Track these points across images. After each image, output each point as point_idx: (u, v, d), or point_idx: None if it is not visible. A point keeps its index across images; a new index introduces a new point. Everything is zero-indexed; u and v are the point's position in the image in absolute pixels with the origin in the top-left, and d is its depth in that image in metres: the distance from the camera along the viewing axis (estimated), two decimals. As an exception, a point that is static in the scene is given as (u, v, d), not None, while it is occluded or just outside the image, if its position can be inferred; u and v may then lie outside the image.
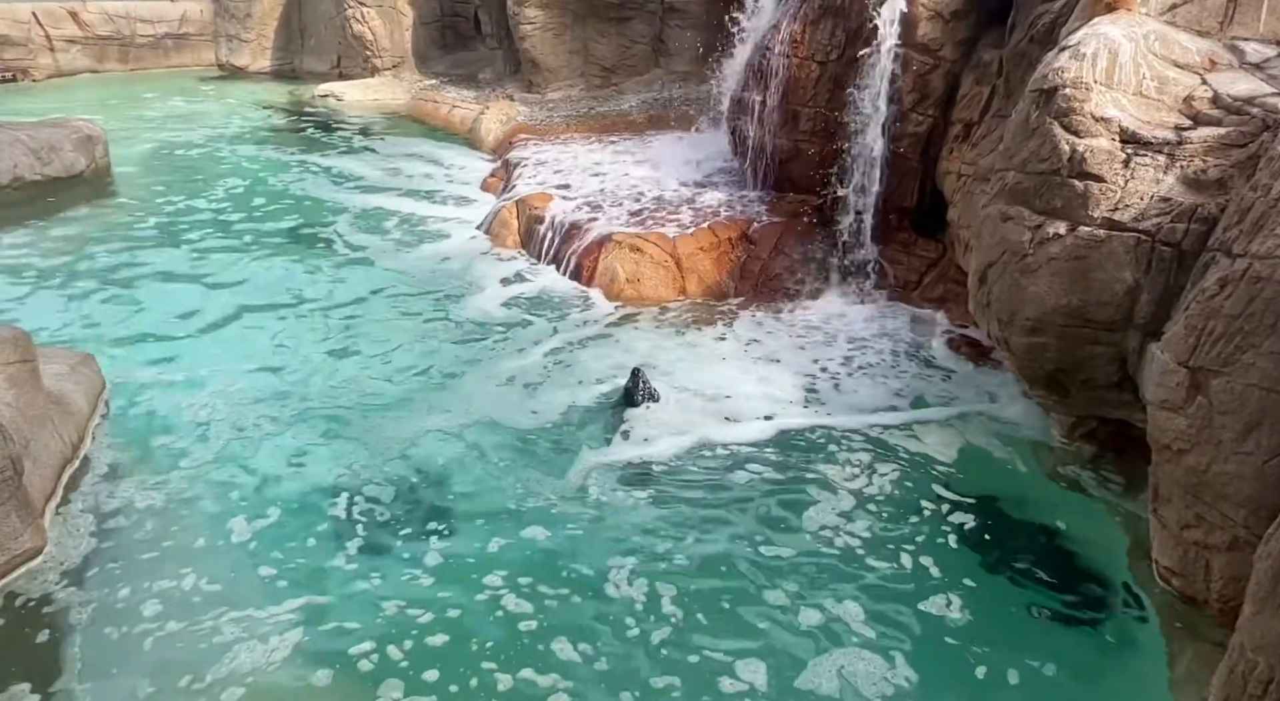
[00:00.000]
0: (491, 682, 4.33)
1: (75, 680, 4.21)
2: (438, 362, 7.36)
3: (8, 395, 5.27)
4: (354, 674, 4.37)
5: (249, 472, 5.84)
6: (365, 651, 4.48)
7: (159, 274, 8.73)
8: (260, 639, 4.52)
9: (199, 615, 4.63)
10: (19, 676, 4.20)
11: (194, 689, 4.18)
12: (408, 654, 4.47)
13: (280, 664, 4.39)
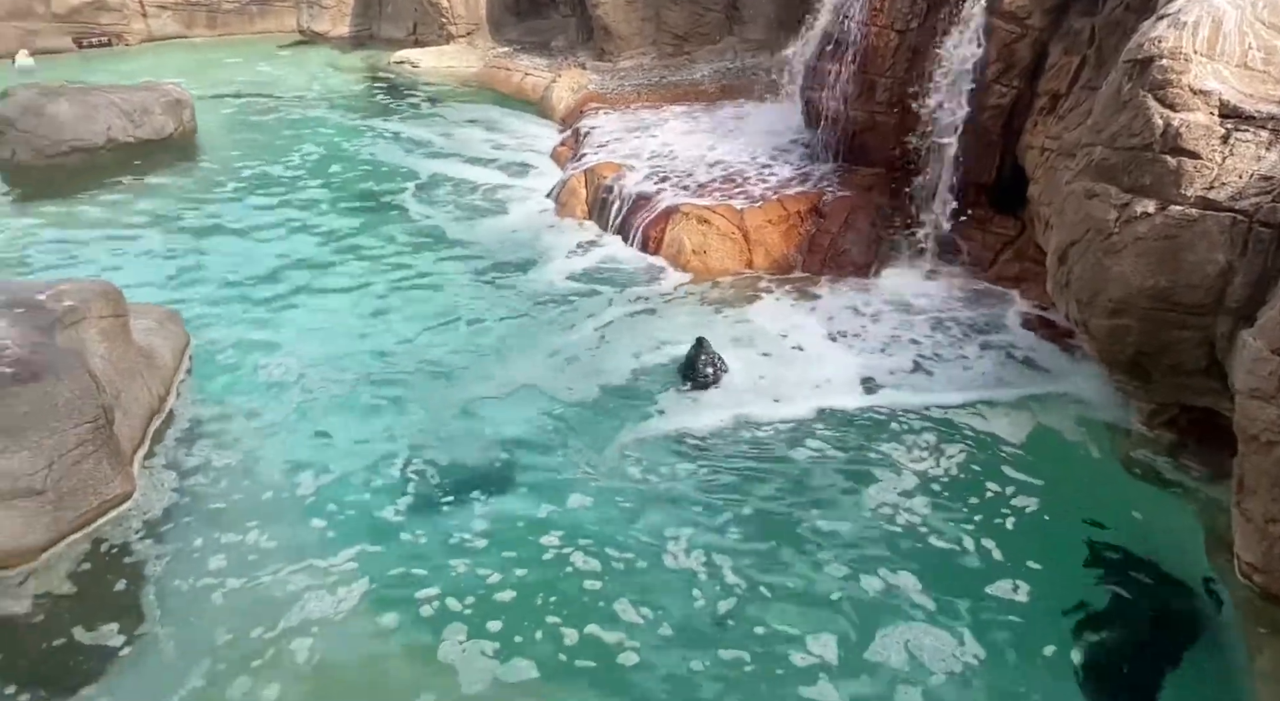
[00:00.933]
0: (557, 635, 4.44)
1: (157, 624, 4.44)
2: (501, 330, 7.44)
3: (100, 348, 5.52)
4: (418, 622, 4.53)
5: (316, 432, 6.03)
6: (428, 601, 4.64)
7: (238, 235, 8.99)
8: (328, 589, 4.71)
9: (270, 566, 4.84)
10: (106, 618, 4.45)
11: (266, 637, 4.37)
12: (469, 606, 4.60)
13: (347, 613, 4.56)
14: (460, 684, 4.19)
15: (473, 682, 4.21)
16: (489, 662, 4.30)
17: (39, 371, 4.77)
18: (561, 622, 4.52)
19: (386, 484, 5.51)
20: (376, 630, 4.48)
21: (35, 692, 4.04)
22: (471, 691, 4.16)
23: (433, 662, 4.30)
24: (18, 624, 4.36)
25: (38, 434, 4.66)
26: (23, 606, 4.44)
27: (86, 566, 4.74)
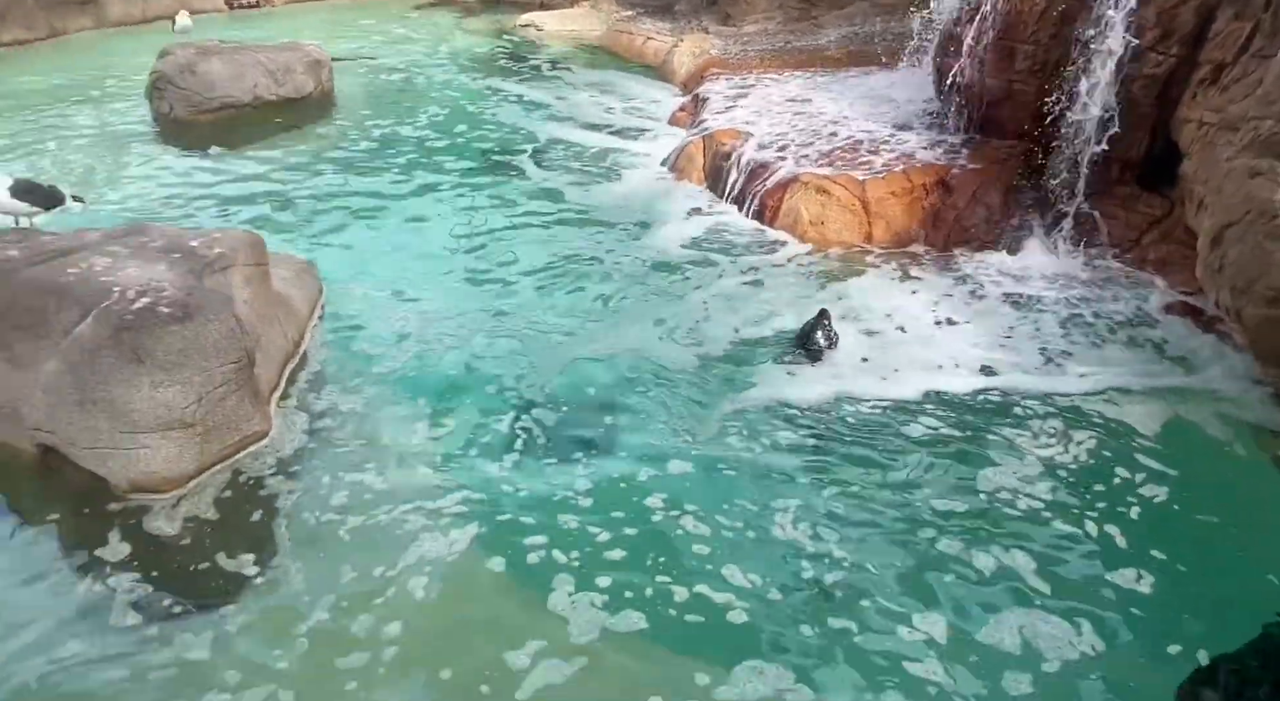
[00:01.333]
0: (666, 592, 4.52)
1: (288, 556, 4.72)
2: (611, 293, 7.52)
3: (245, 294, 5.87)
4: (527, 570, 4.69)
5: (431, 382, 6.28)
6: (536, 549, 4.79)
7: (368, 193, 9.36)
8: (441, 532, 4.91)
9: (386, 506, 5.07)
10: (243, 546, 4.76)
11: (387, 575, 4.60)
12: (576, 559, 4.73)
13: (459, 556, 4.76)
14: (570, 632, 4.32)
15: (582, 630, 4.33)
16: (598, 613, 4.42)
17: (192, 313, 5.11)
18: (670, 581, 4.59)
19: (494, 436, 5.71)
20: (487, 574, 4.67)
21: (184, 607, 4.38)
22: (582, 639, 4.29)
23: (542, 609, 4.45)
24: (168, 543, 4.72)
25: (189, 371, 5.00)
26: (173, 527, 4.81)
27: (227, 495, 5.07)
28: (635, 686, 4.06)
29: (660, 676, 4.11)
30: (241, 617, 4.32)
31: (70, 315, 4.98)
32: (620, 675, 4.13)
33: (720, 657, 4.20)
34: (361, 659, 4.12)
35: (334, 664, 4.09)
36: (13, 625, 4.22)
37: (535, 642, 4.25)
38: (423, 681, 4.05)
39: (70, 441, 4.88)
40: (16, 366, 5.01)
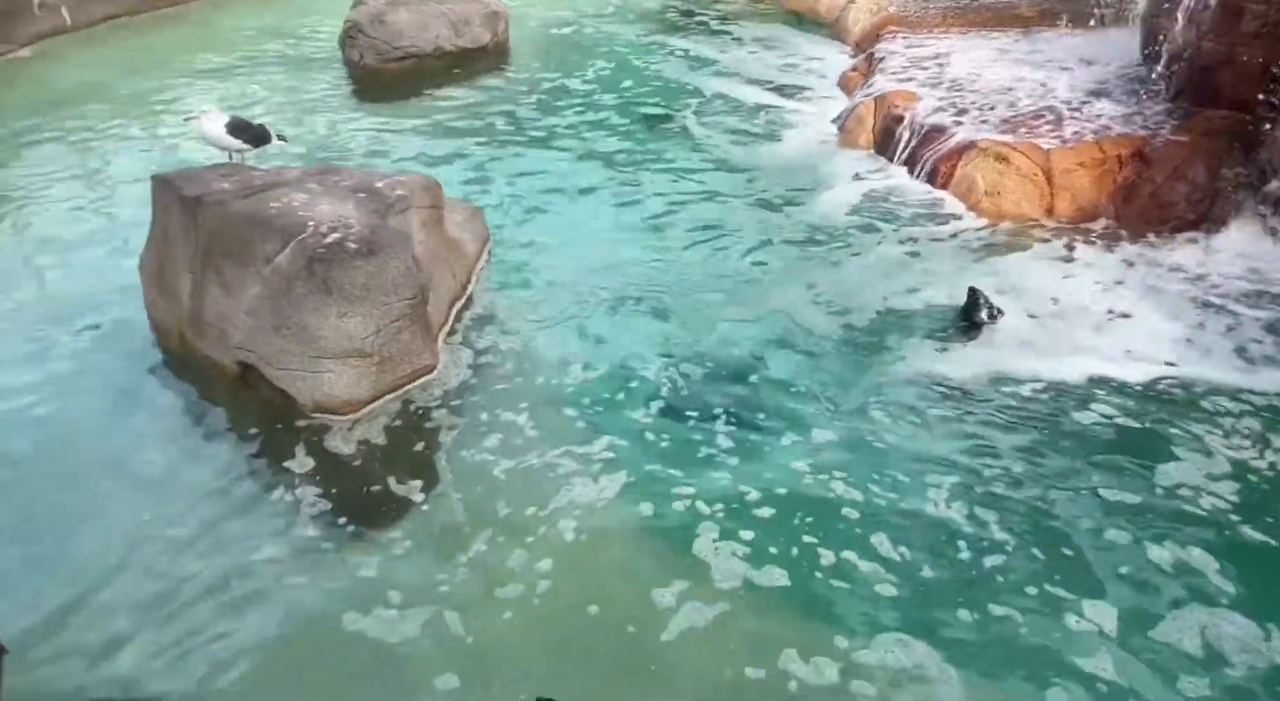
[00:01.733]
0: (813, 554, 4.52)
1: (451, 488, 4.98)
2: (765, 255, 7.43)
3: (421, 235, 6.17)
4: (672, 517, 4.79)
5: (584, 330, 6.43)
6: (681, 499, 4.87)
7: (536, 144, 9.58)
8: (591, 476, 5.06)
9: (538, 449, 5.25)
10: (410, 475, 5.05)
11: (539, 515, 4.79)
12: (720, 512, 4.78)
13: (607, 500, 4.90)
14: (713, 578, 4.41)
15: (725, 579, 4.41)
16: (741, 565, 4.47)
17: (376, 250, 5.42)
18: (817, 543, 4.58)
19: (641, 388, 5.81)
20: (634, 519, 4.79)
21: (357, 526, 4.72)
22: (724, 586, 4.37)
23: (686, 555, 4.54)
24: (343, 464, 5.09)
25: (370, 304, 5.32)
26: (349, 449, 5.19)
27: (396, 424, 5.40)
28: (774, 637, 4.10)
29: (799, 632, 4.13)
30: (408, 541, 4.61)
31: (272, 245, 5.39)
32: (760, 625, 4.18)
33: (863, 625, 4.16)
34: (516, 590, 4.33)
35: (492, 594, 4.32)
36: (212, 524, 4.68)
37: (680, 584, 4.35)
38: (573, 616, 4.22)
39: (266, 361, 5.32)
40: (226, 290, 5.49)
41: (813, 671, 3.96)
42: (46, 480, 4.91)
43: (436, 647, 4.04)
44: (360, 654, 4.01)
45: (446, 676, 3.91)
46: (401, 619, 4.15)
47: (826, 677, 3.94)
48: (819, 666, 3.97)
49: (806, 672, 3.95)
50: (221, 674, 3.91)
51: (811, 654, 4.02)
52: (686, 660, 4.02)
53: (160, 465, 5.02)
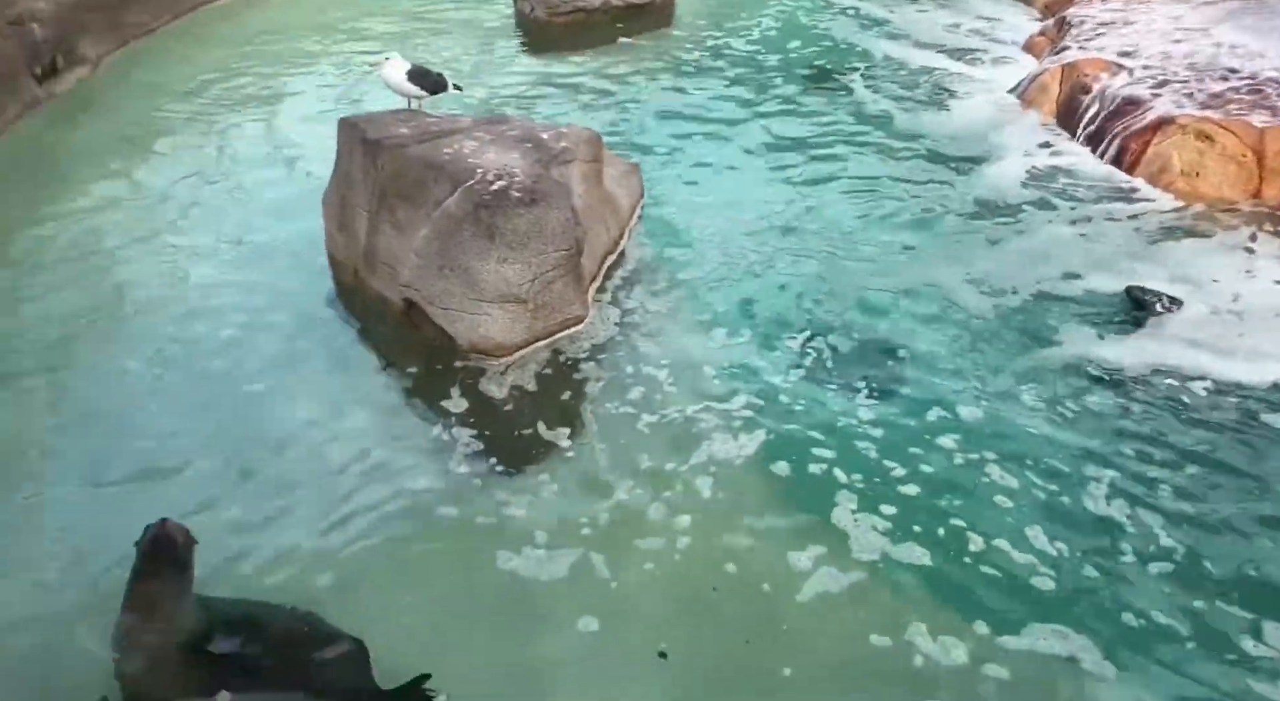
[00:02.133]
0: (960, 535, 4.39)
1: (594, 437, 5.09)
2: (927, 227, 7.14)
3: (580, 188, 6.27)
4: (810, 483, 4.77)
5: (730, 292, 6.40)
6: (820, 464, 4.85)
7: (698, 103, 9.49)
8: (730, 434, 5.07)
9: (678, 405, 5.30)
10: (556, 421, 5.19)
11: (679, 470, 4.84)
12: (860, 482, 4.71)
13: (745, 460, 4.91)
14: (851, 547, 4.37)
15: (863, 549, 4.36)
16: (880, 538, 4.41)
17: (538, 199, 5.55)
18: (965, 527, 4.44)
19: (784, 353, 5.76)
20: (772, 481, 4.79)
21: (506, 466, 4.89)
22: (861, 557, 4.32)
23: (825, 521, 4.52)
24: (496, 406, 5.29)
25: (529, 252, 5.47)
26: (501, 391, 5.38)
27: (546, 371, 5.56)
28: (907, 612, 4.04)
29: (934, 610, 4.05)
30: (554, 485, 4.75)
31: (442, 189, 5.61)
32: (894, 598, 4.12)
33: (1011, 614, 4.02)
34: (656, 543, 4.41)
35: (632, 543, 4.41)
36: (374, 450, 4.94)
37: (816, 550, 4.35)
38: (710, 571, 4.26)
39: (429, 300, 5.58)
40: (398, 230, 5.77)
41: (940, 649, 3.89)
42: (233, 398, 5.33)
43: (579, 590, 4.17)
44: (506, 586, 4.18)
45: (587, 619, 4.03)
46: (549, 559, 4.30)
47: (954, 657, 3.86)
48: (947, 645, 3.89)
49: (933, 649, 3.88)
50: (375, 590, 4.16)
51: (943, 633, 3.94)
52: (817, 624, 4.02)
53: (330, 392, 5.37)
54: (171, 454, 4.85)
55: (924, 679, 3.79)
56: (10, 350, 5.53)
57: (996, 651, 3.86)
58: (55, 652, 3.73)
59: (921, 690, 3.75)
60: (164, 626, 3.46)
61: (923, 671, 3.81)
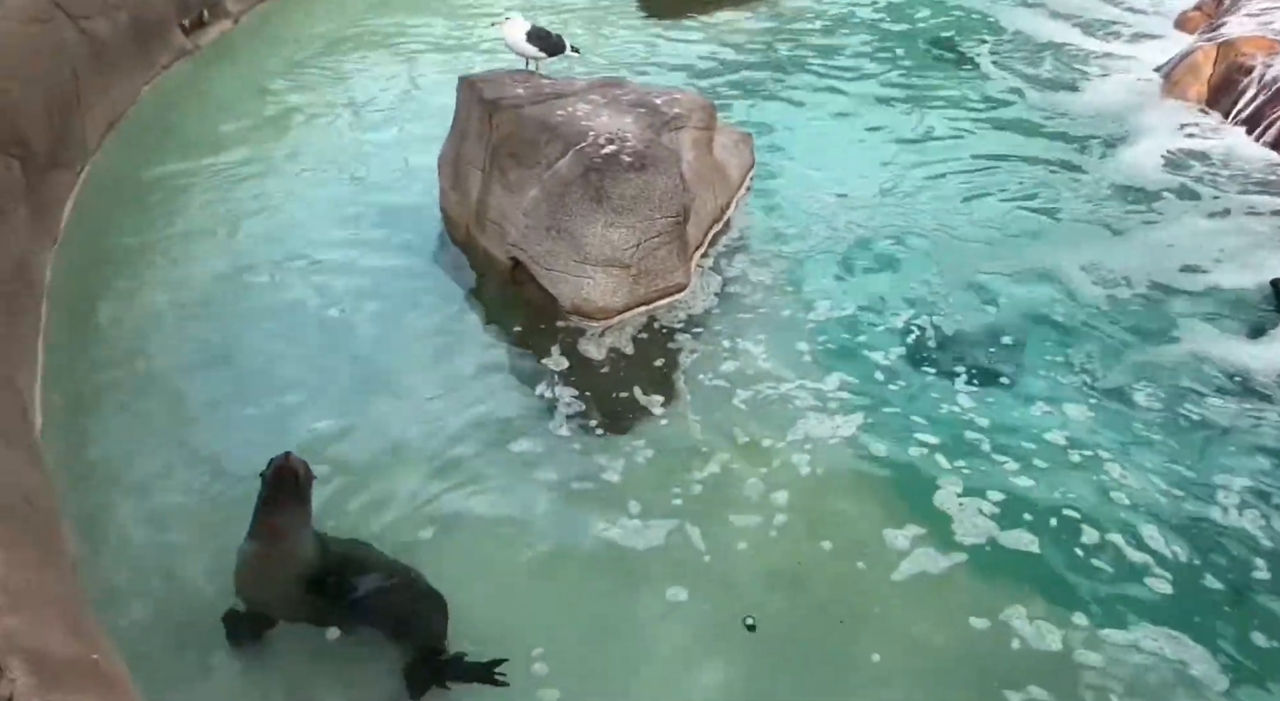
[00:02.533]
0: (1072, 528, 4.25)
1: (689, 408, 5.05)
2: (1048, 211, 6.81)
3: (689, 155, 6.20)
4: (910, 463, 4.66)
5: (835, 267, 6.27)
6: (920, 447, 4.73)
7: (815, 73, 9.24)
8: (827, 414, 4.98)
9: (773, 380, 5.21)
10: (652, 388, 5.16)
11: (775, 446, 4.76)
12: (962, 466, 4.58)
13: (842, 438, 4.82)
14: (954, 530, 4.27)
15: (967, 533, 4.25)
16: (986, 522, 4.29)
17: (647, 164, 5.51)
18: (1079, 520, 4.29)
19: (886, 332, 5.63)
20: (870, 460, 4.69)
21: (604, 430, 4.90)
22: (965, 539, 4.22)
23: (926, 503, 4.42)
24: (594, 368, 5.32)
25: (636, 217, 5.45)
26: (599, 354, 5.41)
27: (643, 336, 5.55)
28: (1008, 597, 3.93)
29: (1036, 598, 3.93)
30: (649, 452, 4.75)
31: (554, 151, 5.64)
32: (995, 582, 4.01)
33: (1119, 609, 3.88)
34: (750, 516, 4.36)
35: (727, 517, 4.37)
36: (477, 406, 5.02)
37: (916, 530, 4.26)
38: (806, 549, 4.21)
39: (535, 260, 5.64)
40: (508, 190, 5.85)
41: (1035, 633, 3.78)
42: (348, 346, 5.49)
43: (669, 558, 4.17)
44: (598, 551, 4.20)
45: (676, 588, 4.02)
46: (642, 527, 4.29)
47: (1049, 644, 3.75)
48: (1043, 630, 3.79)
49: (1031, 633, 3.78)
50: (469, 545, 4.22)
51: (1045, 620, 3.82)
52: (911, 602, 3.94)
53: (438, 346, 5.49)
54: (287, 394, 5.06)
55: (1021, 668, 3.68)
56: (145, 289, 5.87)
57: (1101, 646, 3.73)
58: (178, 574, 3.97)
59: (1017, 679, 3.64)
60: (285, 554, 3.64)
61: (1017, 653, 3.71)
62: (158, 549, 4.06)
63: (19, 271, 5.09)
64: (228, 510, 4.19)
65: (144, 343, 5.38)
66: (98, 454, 4.56)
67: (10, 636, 2.24)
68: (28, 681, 2.14)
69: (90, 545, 3.95)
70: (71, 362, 5.14)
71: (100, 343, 5.32)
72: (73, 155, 6.73)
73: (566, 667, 3.65)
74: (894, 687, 3.63)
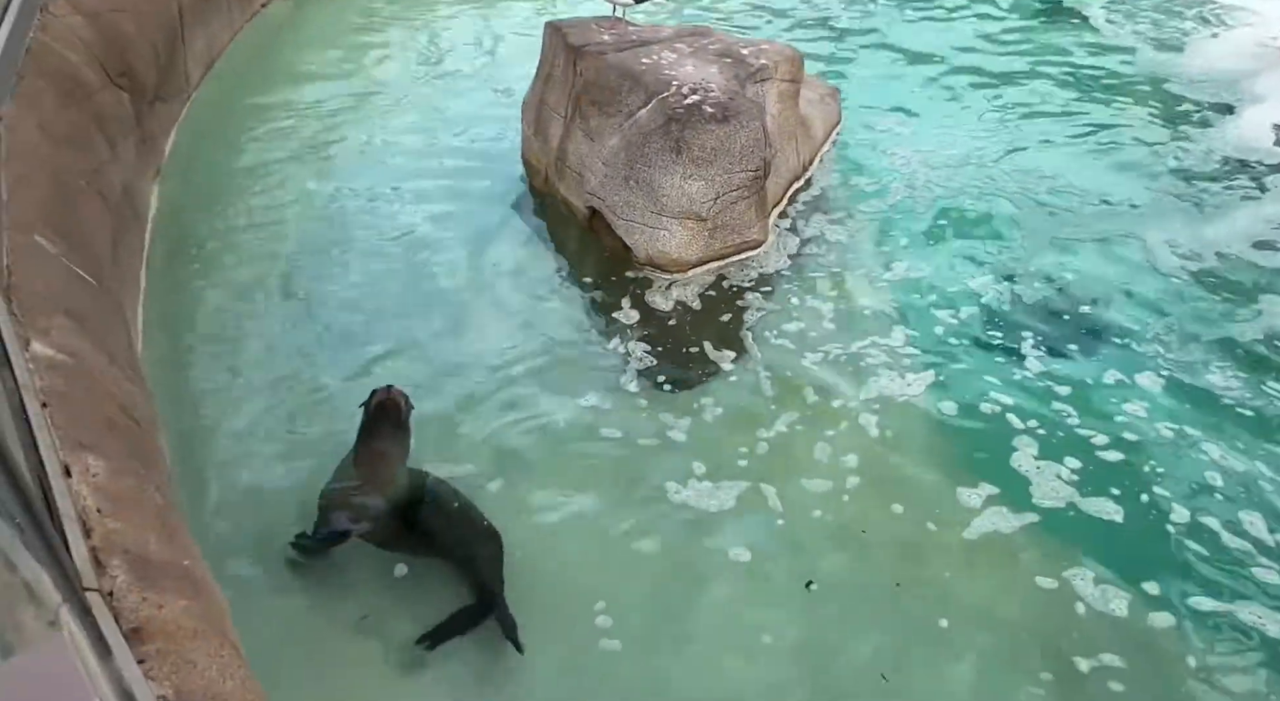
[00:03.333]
0: (1163, 509, 4.17)
1: (758, 365, 5.04)
2: (1145, 179, 6.52)
3: (774, 108, 6.09)
4: (983, 424, 4.64)
5: (916, 229, 6.15)
6: (994, 406, 4.70)
7: (910, 24, 8.92)
8: (899, 374, 4.96)
9: (841, 340, 5.19)
10: (721, 343, 5.18)
11: (846, 406, 4.75)
12: (1037, 428, 4.54)
13: (913, 398, 4.80)
14: (1031, 492, 4.25)
15: (1044, 496, 4.23)
16: (1065, 486, 4.26)
17: (729, 116, 5.44)
18: (1169, 497, 4.22)
19: (961, 294, 5.55)
20: (942, 420, 4.67)
21: (672, 386, 4.92)
22: (1043, 502, 4.20)
23: (1001, 464, 4.41)
24: (665, 322, 5.33)
25: (715, 169, 5.40)
26: (668, 305, 5.42)
27: (718, 292, 5.54)
28: (1080, 561, 3.92)
29: (1113, 564, 3.90)
30: (716, 409, 4.75)
31: (636, 99, 5.61)
32: (1069, 545, 3.99)
33: (1208, 585, 3.82)
34: (824, 485, 4.35)
35: (798, 481, 4.35)
36: (545, 354, 5.09)
37: (988, 489, 4.25)
38: (876, 511, 4.21)
39: (612, 210, 5.66)
40: (589, 137, 5.86)
41: (1099, 596, 3.77)
42: (427, 288, 5.61)
43: (733, 517, 4.19)
44: (662, 508, 4.23)
45: (739, 549, 4.06)
46: (707, 485, 4.32)
47: (1114, 609, 3.74)
48: (1108, 594, 3.78)
49: (1095, 596, 3.78)
50: (532, 492, 4.27)
51: (1119, 590, 3.80)
52: (981, 566, 3.94)
53: (513, 293, 5.57)
54: (366, 324, 5.25)
55: (1092, 636, 3.66)
56: (239, 218, 6.11)
57: (1183, 623, 3.70)
58: (263, 492, 4.21)
59: (1088, 647, 3.63)
60: (382, 480, 3.82)
61: (1083, 617, 3.71)
62: (245, 468, 4.30)
63: (126, 199, 5.36)
64: (311, 433, 4.42)
65: (237, 269, 5.62)
66: (192, 375, 4.83)
67: (112, 537, 2.44)
68: (126, 578, 2.33)
69: (183, 461, 4.21)
70: (171, 287, 5.43)
71: (197, 269, 5.59)
72: (177, 88, 7.00)
73: (628, 621, 3.73)
74: (961, 653, 3.63)
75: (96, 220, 4.60)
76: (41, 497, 2.16)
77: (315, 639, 3.61)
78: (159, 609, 2.30)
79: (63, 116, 4.72)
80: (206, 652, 2.28)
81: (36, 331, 3.13)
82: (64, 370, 3.06)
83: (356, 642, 3.59)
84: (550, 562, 3.93)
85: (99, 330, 3.65)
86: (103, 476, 2.67)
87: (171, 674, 2.13)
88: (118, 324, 4.06)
